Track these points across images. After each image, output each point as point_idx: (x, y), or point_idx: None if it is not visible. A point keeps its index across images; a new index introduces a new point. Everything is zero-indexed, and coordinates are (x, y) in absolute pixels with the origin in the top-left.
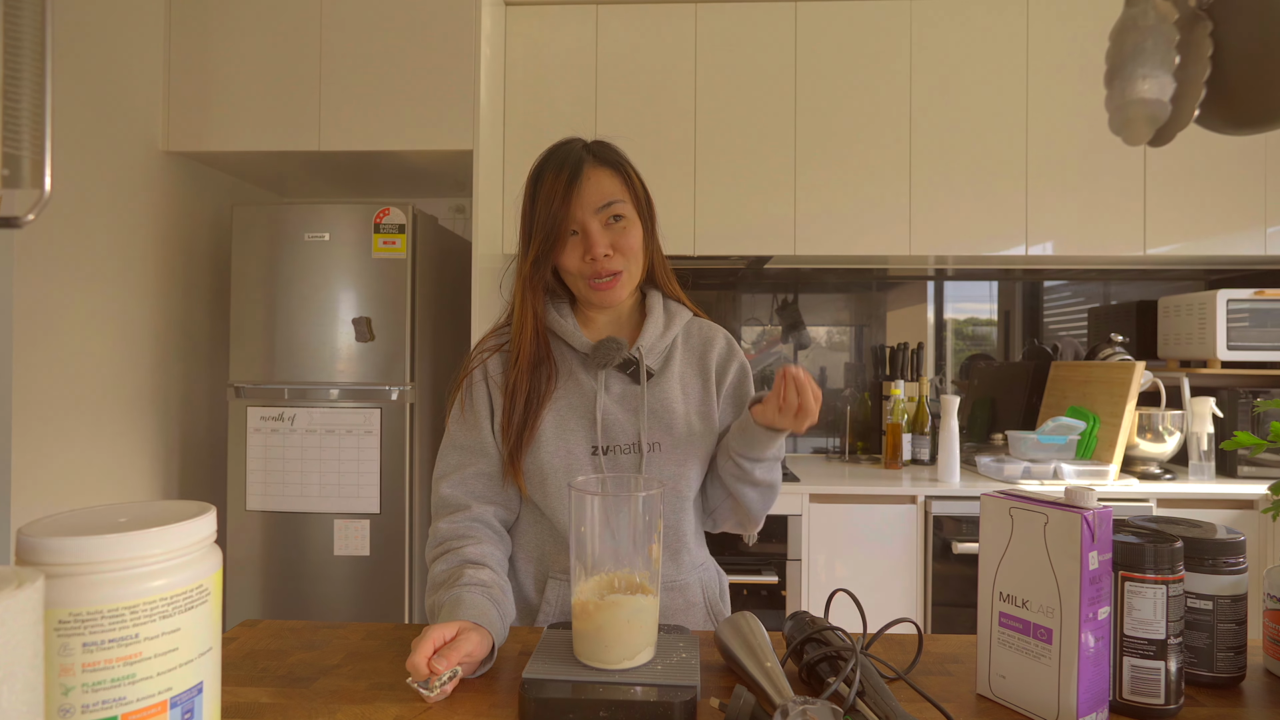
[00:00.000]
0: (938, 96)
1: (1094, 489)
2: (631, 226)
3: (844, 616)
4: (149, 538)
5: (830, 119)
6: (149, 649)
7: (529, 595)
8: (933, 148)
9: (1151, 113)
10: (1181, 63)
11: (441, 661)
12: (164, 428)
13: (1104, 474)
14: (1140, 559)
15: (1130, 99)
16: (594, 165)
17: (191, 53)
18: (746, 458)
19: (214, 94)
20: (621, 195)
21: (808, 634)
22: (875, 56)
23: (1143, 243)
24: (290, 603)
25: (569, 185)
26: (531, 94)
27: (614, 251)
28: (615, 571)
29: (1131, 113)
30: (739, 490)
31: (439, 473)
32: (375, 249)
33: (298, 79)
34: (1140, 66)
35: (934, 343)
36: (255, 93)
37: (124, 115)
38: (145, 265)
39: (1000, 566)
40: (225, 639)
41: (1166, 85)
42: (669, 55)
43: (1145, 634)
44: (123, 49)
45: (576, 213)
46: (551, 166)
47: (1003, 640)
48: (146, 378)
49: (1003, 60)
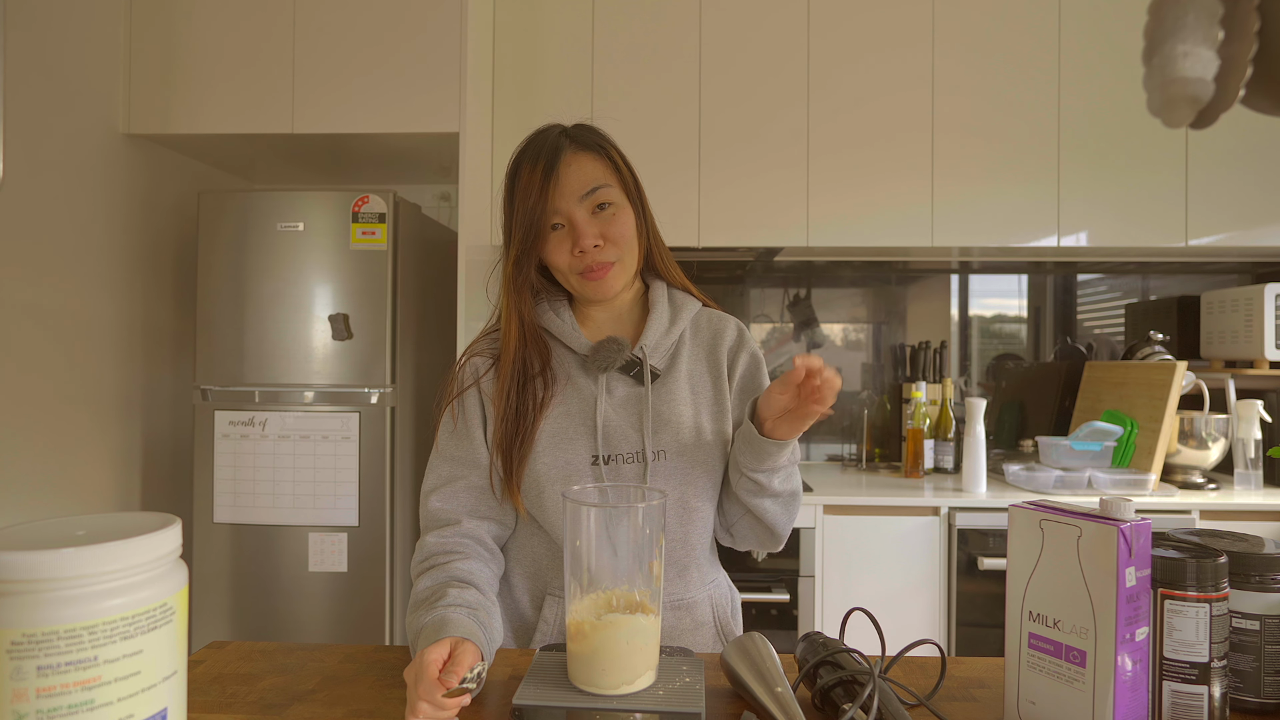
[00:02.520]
0: (962, 74)
1: (1131, 500)
2: (621, 212)
3: (861, 637)
4: (108, 552)
5: (846, 99)
6: (109, 672)
7: (526, 613)
8: (957, 129)
9: (1193, 92)
10: (1226, 38)
11: (451, 676)
12: (125, 433)
13: (1142, 483)
14: (1181, 575)
15: (1170, 78)
16: (573, 150)
17: (154, 27)
18: (760, 470)
19: (179, 72)
20: (606, 179)
21: (821, 657)
22: (895, 32)
23: (1184, 233)
24: (261, 623)
25: (546, 175)
26: (523, 72)
27: (604, 241)
28: (613, 589)
29: (1172, 92)
30: (758, 505)
31: (429, 486)
32: (353, 240)
33: (269, 56)
34: (1181, 43)
35: (958, 341)
36: (223, 70)
37: (81, 95)
38: (104, 257)
39: (1030, 584)
40: (191, 662)
41: (1209, 63)
42: (671, 29)
43: (1187, 656)
44: (79, 23)
45: (558, 203)
46: (528, 158)
47: (1032, 663)
48: (105, 379)
49: (1033, 36)
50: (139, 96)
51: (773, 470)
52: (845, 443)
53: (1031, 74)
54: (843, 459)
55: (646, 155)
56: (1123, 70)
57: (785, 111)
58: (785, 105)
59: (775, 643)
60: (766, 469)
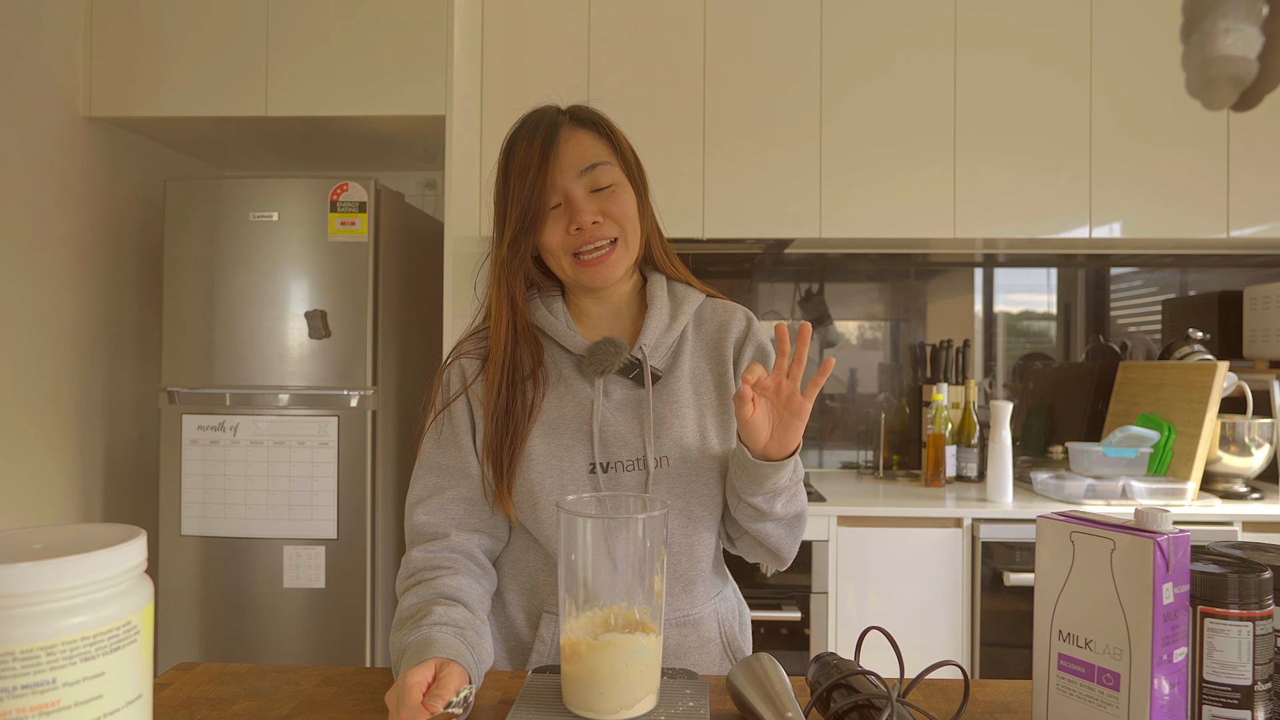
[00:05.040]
0: (988, 51)
1: (1169, 510)
2: (621, 190)
3: (877, 659)
4: (68, 567)
5: (862, 77)
6: (68, 696)
7: (520, 631)
8: (983, 112)
9: (1235, 72)
10: (1270, 14)
11: (436, 700)
12: (85, 438)
13: (1181, 493)
14: (1223, 592)
15: (1211, 56)
16: (572, 127)
17: (118, 1)
18: (759, 495)
19: (144, 49)
20: (606, 157)
21: (835, 679)
22: (914, 4)
23: (1225, 224)
24: (233, 643)
25: (545, 150)
26: (514, 50)
27: (603, 218)
28: (611, 606)
29: (1212, 72)
30: (760, 530)
31: (414, 497)
32: (331, 230)
33: (241, 32)
34: (1222, 19)
35: (982, 340)
36: (192, 48)
37: (36, 73)
38: (63, 248)
39: (1060, 601)
40: (157, 685)
41: (1253, 40)
42: (673, 4)
43: (1228, 679)
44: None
45: (556, 179)
46: (524, 134)
47: (1062, 686)
48: (64, 380)
49: (1064, 10)
50: (101, 75)
51: (773, 494)
52: (861, 449)
53: (1062, 52)
54: (858, 466)
55: (647, 140)
56: (1160, 48)
57: (797, 91)
58: (796, 85)
59: (785, 664)
60: (766, 492)
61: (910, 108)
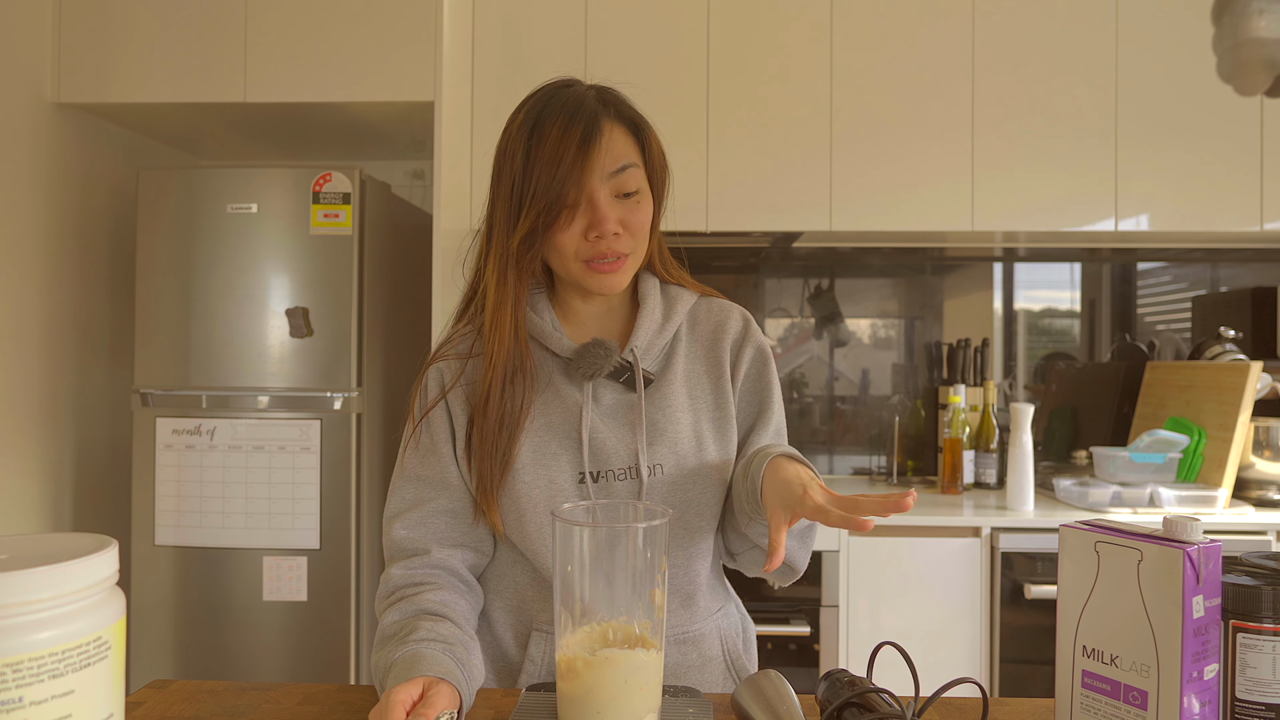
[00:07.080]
0: (1007, 33)
1: (1199, 519)
2: (644, 202)
3: (891, 676)
4: (35, 579)
5: (872, 64)
6: (36, 715)
7: (508, 651)
8: (1002, 97)
9: (1269, 55)
10: None
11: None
12: (53, 443)
13: (1211, 500)
14: (1256, 605)
15: (1244, 39)
16: (611, 121)
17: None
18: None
19: (116, 32)
20: (636, 159)
21: (847, 698)
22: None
23: (1259, 216)
24: (209, 659)
25: (584, 145)
26: (507, 32)
27: (623, 229)
28: (609, 621)
29: (1245, 55)
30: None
31: (391, 510)
32: (314, 223)
33: (219, 15)
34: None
35: (1002, 339)
36: (167, 31)
37: (3, 58)
38: (30, 241)
39: (1084, 614)
40: (130, 703)
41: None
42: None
43: (1262, 697)
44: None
45: (589, 178)
46: (556, 116)
47: (1086, 705)
48: (31, 380)
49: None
50: (70, 59)
51: None
52: (874, 454)
53: (1086, 34)
54: (871, 472)
55: None
56: (1190, 29)
57: (805, 76)
58: (805, 69)
59: (794, 681)
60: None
61: (926, 91)
